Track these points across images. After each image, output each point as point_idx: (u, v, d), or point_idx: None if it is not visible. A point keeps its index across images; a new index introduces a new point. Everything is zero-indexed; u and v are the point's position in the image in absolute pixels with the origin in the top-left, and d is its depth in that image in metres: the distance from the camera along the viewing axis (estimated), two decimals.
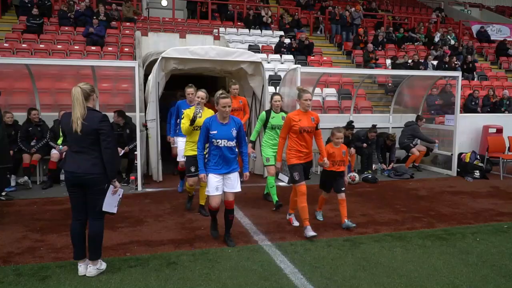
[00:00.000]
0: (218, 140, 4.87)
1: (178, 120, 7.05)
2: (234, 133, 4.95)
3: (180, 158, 7.28)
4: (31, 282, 4.10)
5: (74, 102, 3.98)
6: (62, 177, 8.44)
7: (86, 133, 3.99)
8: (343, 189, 5.93)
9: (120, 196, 4.38)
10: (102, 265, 4.35)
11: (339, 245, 5.20)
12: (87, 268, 4.26)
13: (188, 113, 5.93)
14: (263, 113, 7.10)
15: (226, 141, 4.89)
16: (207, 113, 6.01)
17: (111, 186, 4.22)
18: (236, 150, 5.08)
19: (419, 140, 10.54)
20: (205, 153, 5.03)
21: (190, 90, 7.02)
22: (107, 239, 5.28)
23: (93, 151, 4.05)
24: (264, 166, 7.29)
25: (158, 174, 8.81)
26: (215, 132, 4.87)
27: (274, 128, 6.90)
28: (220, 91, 4.95)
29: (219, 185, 4.98)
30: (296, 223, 5.97)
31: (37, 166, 8.44)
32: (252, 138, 7.11)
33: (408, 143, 10.37)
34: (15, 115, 8.35)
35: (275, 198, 6.76)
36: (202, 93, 6.41)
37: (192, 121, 5.87)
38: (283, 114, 6.92)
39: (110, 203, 4.27)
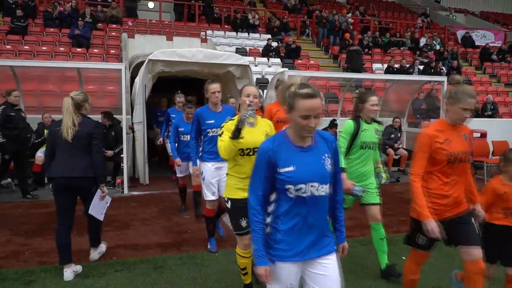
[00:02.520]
0: (300, 186, 2.30)
1: (202, 138, 4.87)
2: (328, 165, 2.41)
3: (210, 197, 4.80)
4: (16, 287, 4.04)
5: (65, 112, 4.14)
6: (47, 179, 8.34)
7: (80, 138, 4.15)
8: None
9: (108, 203, 4.45)
10: (103, 248, 4.81)
11: None
12: (91, 253, 4.67)
13: (229, 127, 3.45)
14: (349, 123, 4.39)
15: (317, 185, 2.33)
16: (263, 126, 3.61)
17: (98, 190, 4.33)
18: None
19: (402, 143, 10.63)
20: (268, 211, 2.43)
21: (214, 86, 4.79)
22: None
23: (85, 156, 4.19)
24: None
25: (144, 177, 8.76)
26: (292, 168, 2.32)
27: (365, 148, 4.38)
28: (299, 80, 2.40)
29: (295, 284, 2.44)
30: None
31: None
32: (342, 163, 4.14)
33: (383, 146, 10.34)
34: None
35: (384, 259, 4.47)
36: (253, 90, 3.69)
37: (237, 130, 3.33)
38: (376, 125, 4.50)
39: (97, 209, 4.38)
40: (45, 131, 8.26)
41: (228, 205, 3.62)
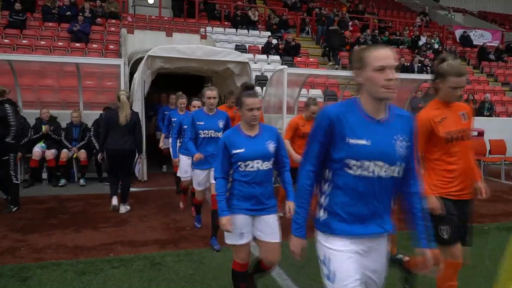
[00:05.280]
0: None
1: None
2: None
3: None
4: (11, 283, 4.02)
5: (124, 106, 6.22)
6: (44, 175, 8.29)
7: (130, 124, 6.22)
8: None
9: (139, 166, 7.23)
10: (128, 207, 6.55)
11: None
12: (120, 207, 6.43)
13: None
14: None
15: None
16: None
17: (138, 158, 6.75)
18: None
19: None
20: None
21: (385, 52, 2.13)
22: (90, 239, 5.24)
23: (131, 135, 6.29)
24: None
25: (142, 173, 8.73)
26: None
27: None
28: None
29: None
30: None
31: (18, 164, 8.27)
32: None
33: None
34: None
35: None
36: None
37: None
38: None
39: (136, 169, 6.96)
40: (43, 127, 8.21)
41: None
